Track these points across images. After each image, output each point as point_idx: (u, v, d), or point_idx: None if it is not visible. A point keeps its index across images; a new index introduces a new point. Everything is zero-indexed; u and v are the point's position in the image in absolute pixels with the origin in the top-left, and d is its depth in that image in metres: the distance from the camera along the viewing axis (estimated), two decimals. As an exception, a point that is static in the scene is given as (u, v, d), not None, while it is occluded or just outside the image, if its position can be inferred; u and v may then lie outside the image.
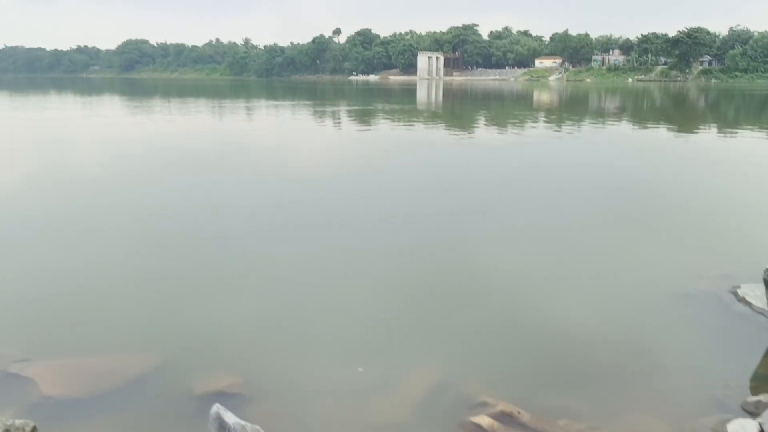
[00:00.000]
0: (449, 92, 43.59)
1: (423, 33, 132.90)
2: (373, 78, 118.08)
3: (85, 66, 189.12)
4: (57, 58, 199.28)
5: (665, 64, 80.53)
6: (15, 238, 4.82)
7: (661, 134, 14.14)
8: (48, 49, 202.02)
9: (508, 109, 24.87)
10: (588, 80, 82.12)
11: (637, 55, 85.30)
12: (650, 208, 6.43)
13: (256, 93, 41.38)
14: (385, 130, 14.13)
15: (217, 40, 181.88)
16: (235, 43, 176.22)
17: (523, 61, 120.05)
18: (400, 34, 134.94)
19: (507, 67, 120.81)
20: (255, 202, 6.26)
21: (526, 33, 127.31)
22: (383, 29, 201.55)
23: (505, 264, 4.59)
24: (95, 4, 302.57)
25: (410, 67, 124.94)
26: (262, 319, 3.58)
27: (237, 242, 4.84)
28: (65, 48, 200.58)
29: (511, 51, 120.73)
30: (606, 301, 3.97)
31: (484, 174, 8.15)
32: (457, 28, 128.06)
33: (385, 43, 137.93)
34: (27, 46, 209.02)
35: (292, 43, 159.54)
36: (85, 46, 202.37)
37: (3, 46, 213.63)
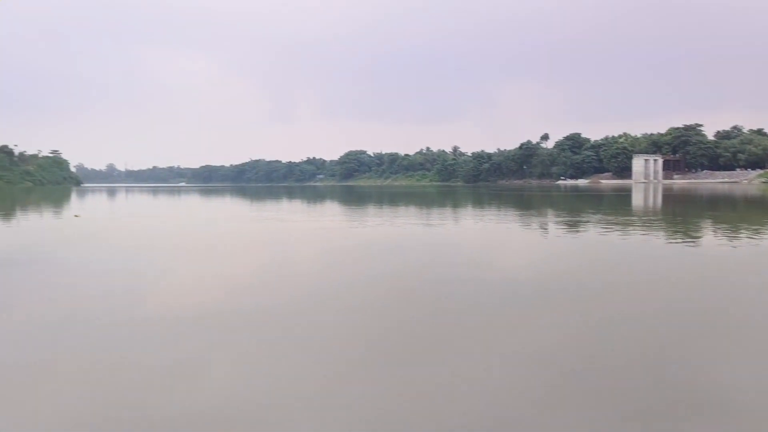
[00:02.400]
0: (672, 197, 39.64)
1: (638, 135, 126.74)
2: (582, 182, 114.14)
3: (312, 175, 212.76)
4: (290, 169, 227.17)
5: None
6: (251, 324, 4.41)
7: None
8: (284, 161, 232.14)
9: (756, 215, 21.32)
10: None
11: None
12: None
13: (463, 198, 41.69)
14: (608, 237, 12.46)
15: (428, 148, 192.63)
16: (444, 151, 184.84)
17: (758, 162, 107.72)
18: (613, 137, 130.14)
19: (738, 169, 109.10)
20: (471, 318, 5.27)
21: (759, 132, 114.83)
22: (593, 133, 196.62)
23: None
24: (324, 120, 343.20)
25: (624, 171, 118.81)
26: None
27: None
28: (297, 160, 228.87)
29: (743, 151, 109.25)
30: None
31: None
32: (678, 129, 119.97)
33: (596, 146, 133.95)
34: (267, 159, 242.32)
35: (498, 149, 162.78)
36: (313, 158, 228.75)
37: (249, 159, 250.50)
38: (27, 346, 4.59)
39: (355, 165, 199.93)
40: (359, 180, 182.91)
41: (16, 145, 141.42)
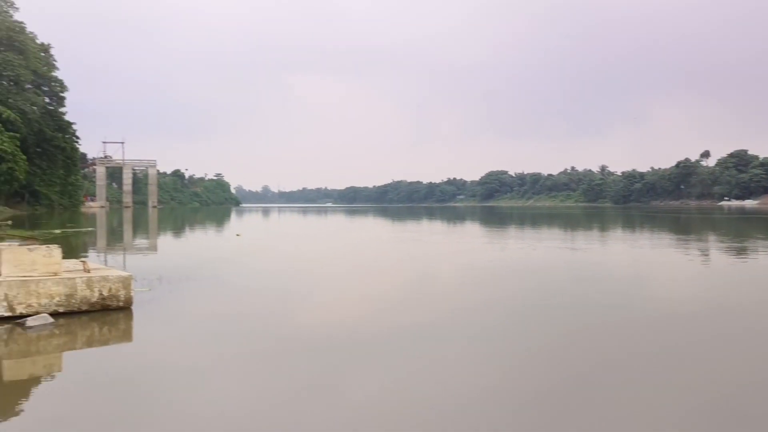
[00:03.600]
0: None
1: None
2: (749, 203, 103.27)
3: (452, 196, 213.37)
4: (431, 190, 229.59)
5: None
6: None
7: None
8: (424, 182, 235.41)
9: None
10: None
11: None
12: None
13: (613, 220, 39.55)
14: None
15: (572, 168, 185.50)
16: (590, 170, 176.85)
17: None
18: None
19: None
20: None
21: None
22: (762, 149, 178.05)
23: None
24: (464, 141, 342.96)
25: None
26: None
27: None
28: (438, 180, 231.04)
29: None
30: None
31: None
32: None
33: (765, 164, 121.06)
34: (408, 180, 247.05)
35: (651, 168, 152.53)
36: (454, 179, 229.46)
37: (391, 180, 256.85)
38: (193, 353, 5.15)
39: (496, 185, 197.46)
40: (500, 201, 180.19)
41: (186, 170, 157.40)
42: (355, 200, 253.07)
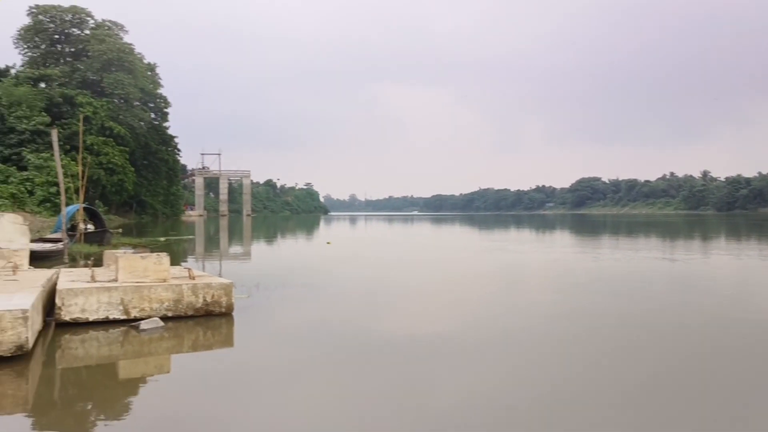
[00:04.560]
0: None
1: None
2: None
3: (541, 203, 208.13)
4: (519, 197, 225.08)
5: None
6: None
7: None
8: (512, 189, 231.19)
9: None
10: None
11: None
12: None
13: (715, 229, 37.21)
14: None
15: (671, 173, 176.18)
16: (690, 176, 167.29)
17: None
18: None
19: None
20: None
21: None
22: None
23: None
24: (553, 147, 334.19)
25: None
26: None
27: None
28: (526, 188, 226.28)
29: None
30: None
31: None
32: None
33: None
34: (495, 188, 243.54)
35: (759, 173, 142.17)
36: (543, 186, 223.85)
37: (477, 188, 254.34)
38: (289, 357, 5.34)
39: (588, 192, 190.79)
40: (592, 208, 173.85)
41: (278, 179, 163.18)
42: (441, 208, 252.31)
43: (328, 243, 24.37)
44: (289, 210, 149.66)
